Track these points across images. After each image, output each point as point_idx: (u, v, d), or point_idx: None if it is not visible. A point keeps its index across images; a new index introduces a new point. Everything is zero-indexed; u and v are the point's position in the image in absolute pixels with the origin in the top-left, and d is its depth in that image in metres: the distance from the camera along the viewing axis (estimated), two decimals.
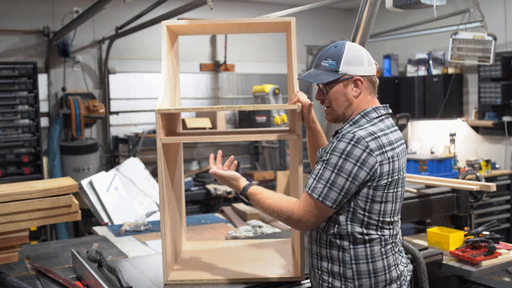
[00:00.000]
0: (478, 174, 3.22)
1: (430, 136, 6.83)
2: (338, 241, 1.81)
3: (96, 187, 4.48)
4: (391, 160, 1.76)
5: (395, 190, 1.80)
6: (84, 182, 4.50)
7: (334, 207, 1.75)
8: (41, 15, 5.98)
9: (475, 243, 2.74)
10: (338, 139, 1.75)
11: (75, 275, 2.36)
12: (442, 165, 5.60)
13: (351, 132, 1.74)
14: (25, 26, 5.91)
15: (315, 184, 1.75)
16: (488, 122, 5.99)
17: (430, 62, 6.56)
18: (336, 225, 1.80)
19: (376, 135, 1.75)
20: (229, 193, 5.76)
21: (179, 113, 2.60)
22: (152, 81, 6.62)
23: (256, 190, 1.96)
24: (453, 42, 5.45)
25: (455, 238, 2.76)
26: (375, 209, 1.78)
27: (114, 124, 6.48)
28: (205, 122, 6.22)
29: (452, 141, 6.34)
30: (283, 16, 4.57)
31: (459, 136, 6.46)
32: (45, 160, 5.87)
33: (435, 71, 6.50)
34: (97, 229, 3.39)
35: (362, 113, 1.85)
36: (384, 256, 1.81)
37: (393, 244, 1.85)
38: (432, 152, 6.52)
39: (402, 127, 6.53)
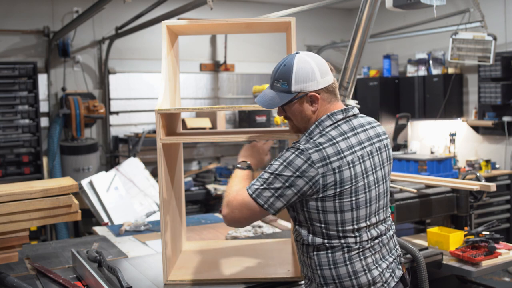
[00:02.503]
0: (478, 174, 3.22)
1: (430, 136, 6.83)
2: (304, 247, 1.84)
3: (96, 187, 4.48)
4: (337, 170, 1.72)
5: (352, 198, 1.76)
6: (84, 182, 4.50)
7: (265, 207, 1.75)
8: (41, 15, 5.98)
9: (475, 243, 2.74)
10: (287, 148, 1.79)
11: (75, 275, 2.36)
12: (442, 165, 5.59)
13: (299, 143, 1.77)
14: (25, 26, 5.91)
15: (254, 182, 1.79)
16: (488, 122, 5.99)
17: (430, 62, 6.56)
18: (301, 237, 1.83)
19: (321, 146, 1.74)
20: None
21: (179, 113, 2.60)
22: (152, 81, 6.62)
23: (237, 172, 1.96)
24: (453, 42, 5.45)
25: (455, 238, 2.75)
26: (330, 220, 1.76)
27: (114, 124, 6.48)
28: (205, 122, 6.22)
29: (452, 141, 6.34)
30: (283, 16, 4.58)
31: (459, 136, 6.46)
32: (45, 160, 5.88)
33: (435, 71, 6.50)
34: (97, 229, 3.39)
35: (316, 123, 1.83)
36: (348, 262, 1.78)
37: (362, 249, 1.79)
38: (432, 152, 6.52)
39: (402, 127, 6.53)
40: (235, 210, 1.79)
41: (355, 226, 1.78)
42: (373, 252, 1.82)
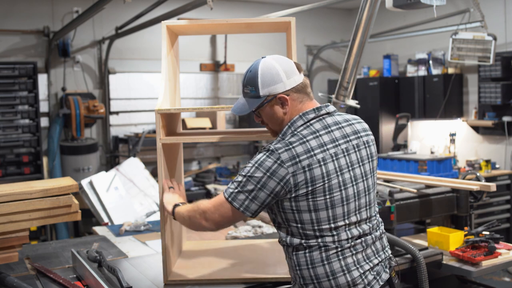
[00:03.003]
0: (478, 174, 3.22)
1: (430, 136, 6.83)
2: (285, 248, 1.86)
3: (96, 187, 4.48)
4: (307, 168, 1.72)
5: (326, 196, 1.75)
6: (84, 182, 4.50)
7: (241, 210, 1.79)
8: (41, 15, 5.98)
9: (475, 243, 2.74)
10: (259, 151, 1.82)
11: (75, 275, 2.36)
12: (442, 165, 5.59)
13: (270, 144, 1.79)
14: (25, 26, 5.91)
15: (229, 186, 1.83)
16: (488, 122, 5.99)
17: (430, 62, 6.56)
18: (281, 238, 1.86)
19: (291, 146, 1.75)
20: None
21: (179, 113, 2.60)
22: (152, 81, 6.62)
23: (181, 208, 2.04)
24: (453, 42, 5.44)
25: (455, 238, 2.75)
26: (305, 219, 1.76)
27: (114, 124, 6.48)
28: (205, 122, 6.22)
29: (452, 141, 6.34)
30: (283, 16, 4.58)
31: (459, 136, 6.46)
32: (45, 160, 5.87)
33: (435, 71, 6.50)
34: (97, 229, 3.39)
35: (289, 123, 1.85)
36: (325, 262, 1.76)
37: (340, 249, 1.77)
38: (432, 152, 6.52)
39: (402, 127, 6.53)
40: (214, 214, 1.85)
41: (332, 225, 1.77)
42: (354, 252, 1.79)
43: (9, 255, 2.18)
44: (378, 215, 1.95)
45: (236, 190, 1.80)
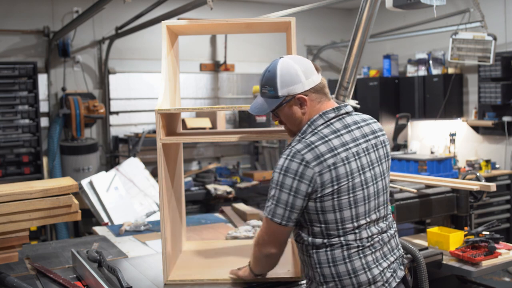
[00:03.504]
0: (478, 174, 3.22)
1: (430, 136, 6.83)
2: (304, 247, 1.85)
3: (96, 187, 4.48)
4: (332, 167, 1.74)
5: (350, 195, 1.77)
6: (84, 182, 4.50)
7: (284, 223, 1.77)
8: (41, 15, 5.98)
9: (475, 243, 2.74)
10: (280, 156, 1.81)
11: (75, 275, 2.36)
12: (442, 165, 5.59)
13: (290, 147, 1.78)
14: (25, 26, 5.91)
15: (267, 204, 1.81)
16: (488, 122, 5.99)
17: (430, 62, 6.56)
18: (301, 238, 1.85)
19: (313, 145, 1.75)
20: (229, 193, 5.76)
21: (179, 113, 2.60)
22: (152, 81, 6.62)
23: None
24: (453, 42, 5.45)
25: (455, 238, 2.75)
26: (330, 219, 1.77)
27: (114, 124, 6.48)
28: (205, 122, 6.22)
29: (452, 141, 6.34)
30: (283, 16, 4.58)
31: (459, 136, 6.46)
32: (45, 160, 5.87)
33: (435, 71, 6.50)
34: (97, 229, 3.39)
35: (309, 122, 1.85)
36: (347, 260, 1.78)
37: (361, 247, 1.79)
38: (432, 152, 6.52)
39: (402, 127, 6.53)
40: (264, 237, 1.85)
41: (355, 224, 1.79)
42: (373, 250, 1.82)
43: (9, 255, 2.18)
44: (391, 214, 1.98)
45: (273, 205, 1.78)
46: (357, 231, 1.79)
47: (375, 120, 1.97)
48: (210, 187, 5.89)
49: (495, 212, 5.79)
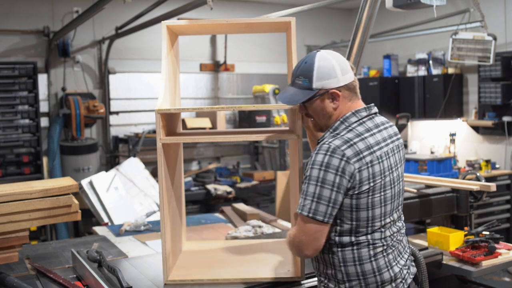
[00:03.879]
0: (478, 174, 3.22)
1: (430, 136, 6.83)
2: (327, 245, 1.83)
3: (96, 187, 4.48)
4: (370, 164, 1.75)
5: (382, 193, 1.79)
6: (84, 182, 4.50)
7: (326, 221, 1.74)
8: (41, 15, 5.98)
9: (475, 243, 2.74)
10: (316, 151, 1.77)
11: (75, 275, 2.36)
12: (442, 165, 5.59)
13: (327, 142, 1.76)
14: (25, 26, 5.91)
15: (303, 202, 1.75)
16: (488, 122, 5.99)
17: (430, 62, 6.56)
18: (329, 236, 1.81)
19: (352, 142, 1.75)
20: (229, 193, 5.76)
21: (179, 113, 2.60)
22: (152, 81, 6.62)
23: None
24: (453, 42, 5.45)
25: (455, 238, 2.75)
26: (362, 217, 1.77)
27: (114, 124, 6.48)
28: (205, 122, 6.22)
29: (452, 141, 6.34)
30: (283, 16, 4.58)
31: (459, 136, 6.46)
32: (45, 160, 5.87)
33: (435, 71, 6.50)
34: (97, 229, 3.39)
35: (341, 119, 1.85)
36: (373, 259, 1.80)
37: (385, 246, 1.82)
38: (432, 152, 6.52)
39: (402, 127, 6.53)
40: (302, 238, 1.75)
41: (382, 222, 1.82)
42: (393, 249, 1.86)
43: (9, 255, 2.18)
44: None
45: (315, 203, 1.72)
46: (382, 229, 1.82)
47: (392, 123, 2.00)
48: (210, 187, 5.89)
49: (495, 212, 5.79)
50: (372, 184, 1.75)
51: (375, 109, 1.93)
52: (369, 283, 1.80)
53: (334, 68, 1.83)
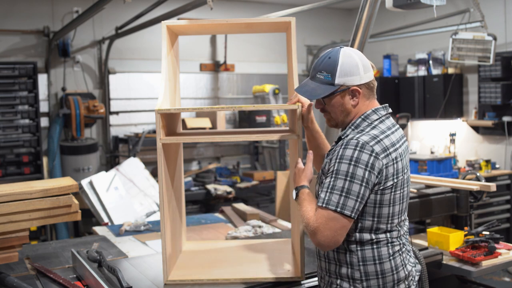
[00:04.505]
0: (478, 174, 3.22)
1: (430, 136, 6.83)
2: (345, 244, 1.81)
3: (96, 187, 4.48)
4: (395, 161, 1.78)
5: (401, 190, 1.82)
6: (84, 182, 4.50)
7: (353, 216, 1.72)
8: (41, 15, 5.98)
9: (475, 243, 2.74)
10: (343, 146, 1.75)
11: (75, 275, 2.36)
12: (442, 165, 5.59)
13: (355, 138, 1.75)
14: (25, 26, 5.91)
15: (328, 196, 1.72)
16: (488, 122, 5.99)
17: (430, 62, 6.56)
18: (348, 233, 1.79)
19: (378, 138, 1.76)
20: (229, 193, 5.76)
21: (179, 113, 2.60)
22: (152, 81, 6.62)
23: (304, 195, 1.86)
24: (453, 42, 5.45)
25: (455, 238, 2.76)
26: (384, 213, 1.79)
27: (114, 124, 6.48)
28: (205, 122, 6.22)
29: (452, 141, 6.34)
30: (283, 16, 4.57)
31: (459, 136, 6.46)
32: (45, 160, 5.87)
33: (435, 71, 6.50)
34: (97, 229, 3.39)
35: (362, 116, 1.86)
36: (391, 257, 1.81)
37: (401, 245, 1.85)
38: (432, 152, 6.52)
39: (402, 127, 6.53)
40: (325, 233, 1.70)
41: (399, 220, 1.84)
42: (405, 247, 1.88)
43: (9, 255, 2.18)
44: None
45: (343, 197, 1.70)
46: (399, 227, 1.85)
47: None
48: (210, 187, 5.89)
49: (495, 212, 5.79)
50: (395, 180, 1.78)
51: (390, 110, 1.95)
52: (387, 282, 1.80)
53: (357, 65, 1.83)
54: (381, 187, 1.75)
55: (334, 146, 1.84)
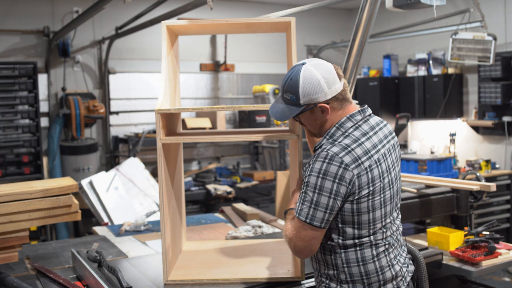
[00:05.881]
0: (478, 174, 3.22)
1: (430, 136, 6.83)
2: (329, 246, 1.84)
3: (96, 187, 4.48)
4: (368, 169, 1.76)
5: (381, 195, 1.80)
6: (84, 182, 4.50)
7: (322, 226, 1.76)
8: (41, 15, 5.98)
9: (475, 243, 2.74)
10: (314, 159, 1.78)
11: (75, 275, 2.36)
12: (442, 165, 5.59)
13: (325, 150, 1.76)
14: (25, 26, 5.91)
15: (300, 207, 1.78)
16: (488, 122, 5.99)
17: (430, 62, 6.56)
18: (328, 240, 1.83)
19: (350, 148, 1.76)
20: (229, 193, 5.76)
21: (179, 113, 2.60)
22: (152, 81, 6.62)
23: (291, 214, 1.90)
24: (453, 42, 5.45)
25: (455, 238, 2.76)
26: (363, 220, 1.79)
27: (114, 124, 6.48)
28: (205, 122, 6.22)
29: (452, 141, 6.34)
30: (283, 16, 4.57)
31: (459, 136, 6.46)
32: (45, 160, 5.87)
33: (435, 71, 6.50)
34: (97, 229, 3.39)
35: (337, 125, 1.85)
36: (375, 259, 1.82)
37: (387, 246, 1.85)
38: (432, 152, 6.52)
39: (402, 127, 6.53)
40: (298, 243, 1.79)
41: (383, 223, 1.83)
42: (393, 248, 1.88)
43: (9, 255, 2.18)
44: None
45: (312, 209, 1.75)
46: (384, 229, 1.84)
47: (386, 122, 2.00)
48: (210, 187, 5.89)
49: (495, 212, 5.79)
50: (371, 188, 1.77)
51: (369, 111, 1.92)
52: (372, 282, 1.82)
53: (319, 83, 1.81)
54: (356, 197, 1.75)
55: (310, 158, 1.86)
